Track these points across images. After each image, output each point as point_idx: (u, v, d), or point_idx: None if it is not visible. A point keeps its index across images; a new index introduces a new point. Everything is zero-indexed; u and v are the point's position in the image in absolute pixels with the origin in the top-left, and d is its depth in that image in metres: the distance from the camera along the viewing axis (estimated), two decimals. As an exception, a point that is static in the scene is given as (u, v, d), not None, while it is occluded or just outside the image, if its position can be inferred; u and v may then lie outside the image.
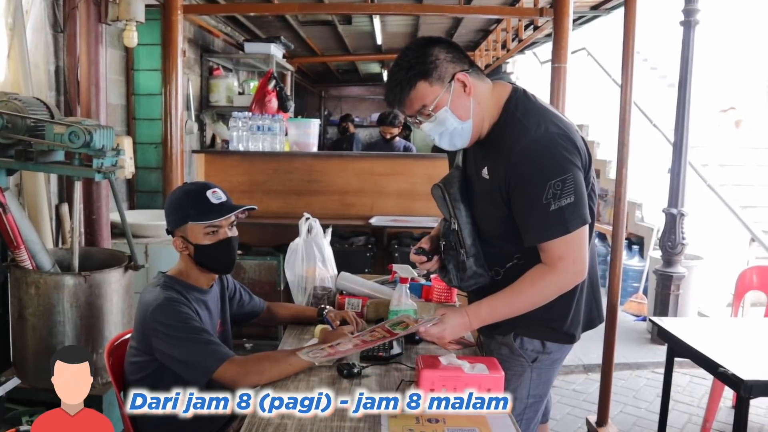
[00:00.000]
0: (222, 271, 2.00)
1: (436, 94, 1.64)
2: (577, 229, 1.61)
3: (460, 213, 1.78)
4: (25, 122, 2.39)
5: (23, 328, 2.49)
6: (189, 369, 1.73)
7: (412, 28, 6.96)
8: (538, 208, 1.59)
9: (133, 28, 3.20)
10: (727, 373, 2.03)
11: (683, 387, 3.95)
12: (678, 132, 4.41)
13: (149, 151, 4.39)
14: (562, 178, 1.57)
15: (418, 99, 1.65)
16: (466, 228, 1.77)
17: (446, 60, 1.64)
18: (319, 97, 13.43)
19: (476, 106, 1.68)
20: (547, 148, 1.61)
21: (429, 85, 1.63)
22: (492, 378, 1.57)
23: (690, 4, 4.27)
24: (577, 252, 1.63)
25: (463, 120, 1.67)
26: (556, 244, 1.62)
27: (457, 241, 1.78)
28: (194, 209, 1.87)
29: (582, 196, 1.61)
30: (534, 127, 1.63)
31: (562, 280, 1.65)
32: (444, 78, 1.64)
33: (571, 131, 1.66)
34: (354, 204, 4.39)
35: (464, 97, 1.66)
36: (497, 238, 1.76)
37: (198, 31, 5.27)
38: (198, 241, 1.88)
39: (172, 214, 1.92)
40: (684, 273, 4.55)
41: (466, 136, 1.71)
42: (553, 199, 1.57)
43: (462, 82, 1.65)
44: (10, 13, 2.82)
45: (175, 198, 1.93)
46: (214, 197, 1.89)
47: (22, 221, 2.45)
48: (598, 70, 7.64)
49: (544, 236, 1.62)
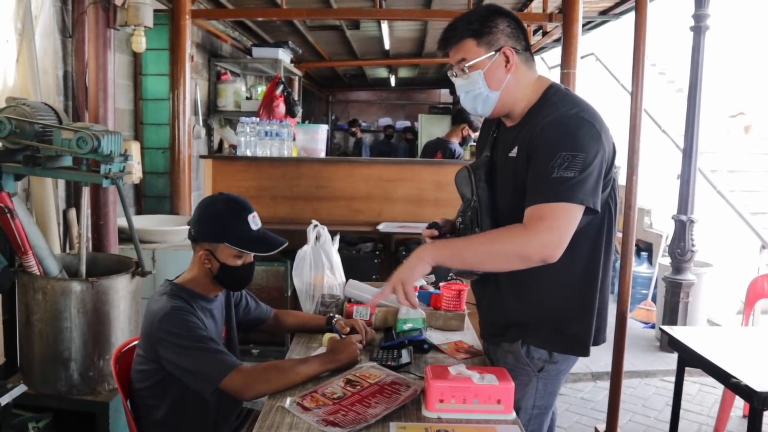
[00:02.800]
0: (237, 289, 2.01)
1: (478, 55, 1.69)
2: (568, 202, 1.55)
3: (483, 192, 1.78)
4: (33, 127, 2.39)
5: (30, 334, 2.48)
6: (196, 378, 1.72)
7: (420, 33, 6.95)
8: (541, 173, 1.58)
9: (141, 33, 3.20)
10: (740, 384, 1.99)
11: (693, 396, 3.91)
12: (688, 138, 4.38)
13: (157, 156, 4.40)
14: (573, 154, 1.56)
15: (461, 52, 1.71)
16: (485, 207, 1.77)
17: (503, 32, 1.70)
18: (326, 102, 13.45)
19: (511, 84, 1.71)
20: (570, 126, 1.62)
21: (476, 44, 1.69)
22: (502, 388, 1.55)
23: (700, 9, 4.25)
24: (559, 223, 1.55)
25: (491, 89, 1.71)
26: (542, 206, 1.57)
27: (476, 219, 1.76)
28: (235, 232, 1.85)
29: (588, 177, 1.56)
30: (565, 108, 1.66)
31: (531, 241, 1.56)
32: (492, 45, 1.69)
33: (601, 125, 1.66)
34: (362, 210, 4.38)
35: (502, 70, 1.70)
36: (513, 221, 1.69)
37: (206, 35, 5.28)
38: (226, 261, 1.86)
39: (208, 226, 1.87)
40: (693, 280, 4.51)
41: (489, 105, 1.74)
42: (557, 168, 1.56)
43: (506, 57, 1.69)
44: (19, 19, 2.83)
45: (214, 212, 1.88)
46: (254, 223, 1.89)
47: (29, 227, 2.45)
48: (607, 75, 7.61)
49: (534, 199, 1.58)
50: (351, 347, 1.85)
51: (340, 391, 1.66)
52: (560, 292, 1.70)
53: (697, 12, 4.25)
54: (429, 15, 5.19)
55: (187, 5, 4.02)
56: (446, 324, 2.31)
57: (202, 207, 1.92)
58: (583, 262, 1.71)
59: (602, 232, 1.73)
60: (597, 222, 1.70)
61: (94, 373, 2.48)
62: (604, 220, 1.72)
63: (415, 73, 10.99)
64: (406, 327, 2.10)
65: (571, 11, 3.77)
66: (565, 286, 1.70)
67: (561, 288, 1.69)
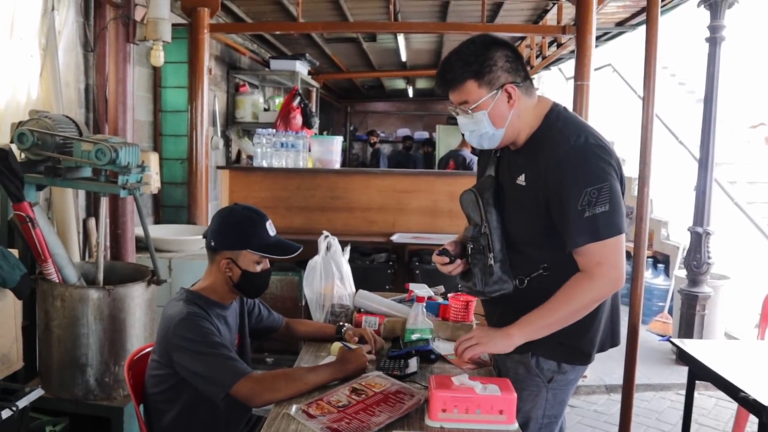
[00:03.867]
0: (256, 296, 2.06)
1: (481, 96, 1.69)
2: (609, 237, 1.63)
3: (492, 217, 1.81)
4: (54, 139, 2.47)
5: (49, 340, 2.54)
6: (207, 383, 1.76)
7: (436, 45, 7.00)
8: (574, 215, 1.63)
9: (159, 47, 3.28)
10: (749, 399, 1.98)
11: (708, 410, 3.87)
12: (704, 148, 4.35)
13: (175, 166, 4.48)
14: (598, 187, 1.61)
15: (464, 94, 1.71)
16: (496, 232, 1.80)
17: (503, 68, 1.70)
18: (345, 113, 13.54)
19: (515, 119, 1.73)
20: (585, 157, 1.65)
21: (477, 86, 1.69)
22: (504, 399, 1.57)
23: (715, 20, 4.23)
24: (614, 258, 1.65)
25: (496, 127, 1.73)
26: (592, 249, 1.64)
27: (487, 244, 1.79)
28: (256, 238, 1.92)
29: (618, 205, 1.64)
30: (574, 137, 1.68)
31: (601, 285, 1.67)
32: (494, 84, 1.69)
33: (609, 146, 1.71)
34: (376, 221, 4.42)
35: (506, 107, 1.72)
36: (525, 245, 1.78)
37: (225, 48, 5.37)
38: (247, 267, 1.92)
39: (229, 235, 1.93)
40: (710, 293, 4.46)
41: (494, 142, 1.78)
42: (588, 206, 1.61)
43: (509, 94, 1.71)
44: (43, 34, 2.92)
45: (235, 221, 1.94)
46: (271, 229, 1.97)
47: (49, 235, 2.52)
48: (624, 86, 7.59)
49: (576, 242, 1.65)
50: (360, 357, 1.88)
51: (345, 399, 1.68)
52: None
53: (713, 23, 4.24)
54: (443, 28, 5.23)
55: (206, 20, 4.11)
56: (454, 335, 2.32)
57: (221, 217, 1.97)
58: None
59: None
60: None
61: (110, 378, 2.53)
62: None
63: (432, 84, 11.04)
64: (414, 337, 2.12)
65: (584, 23, 3.78)
66: None
67: None
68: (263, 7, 5.16)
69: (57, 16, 2.97)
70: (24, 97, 2.84)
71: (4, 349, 2.40)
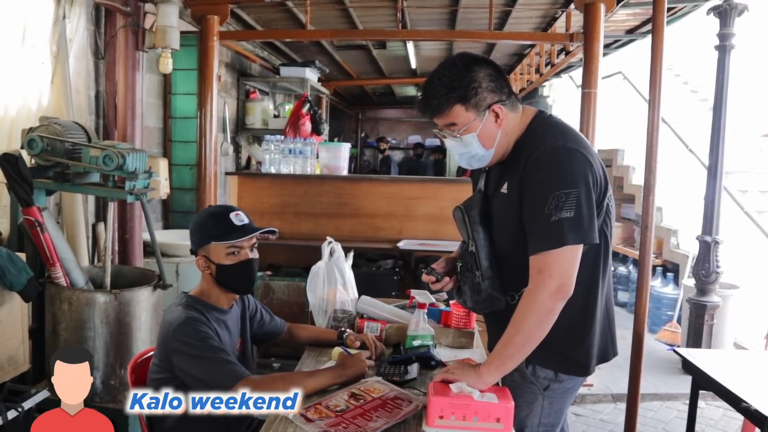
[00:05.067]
0: (241, 291, 2.05)
1: (469, 119, 1.68)
2: (569, 244, 1.57)
3: (479, 235, 1.79)
4: (63, 145, 2.51)
5: (56, 342, 2.58)
6: (206, 387, 1.77)
7: (446, 51, 7.01)
8: (538, 217, 1.60)
9: (168, 55, 3.33)
10: (750, 409, 1.97)
11: (716, 421, 3.83)
12: (713, 157, 4.34)
13: (184, 172, 4.52)
14: (567, 192, 1.57)
15: (450, 117, 1.69)
16: (483, 250, 1.78)
17: (487, 89, 1.67)
18: (356, 120, 13.58)
19: (503, 137, 1.72)
20: (558, 160, 1.62)
21: (464, 109, 1.67)
22: (501, 407, 1.56)
23: (725, 28, 4.23)
24: (559, 267, 1.58)
25: (486, 148, 1.72)
26: (539, 256, 1.59)
27: (474, 263, 1.78)
28: (218, 230, 1.94)
29: (581, 214, 1.58)
30: (552, 140, 1.66)
31: (541, 299, 1.58)
32: (480, 106, 1.67)
33: (590, 153, 1.67)
34: (383, 227, 4.43)
35: (494, 127, 1.70)
36: (512, 259, 1.74)
37: (235, 55, 5.42)
38: (220, 261, 1.94)
39: (196, 234, 1.99)
40: (719, 302, 4.43)
41: (484, 162, 1.77)
42: (555, 210, 1.57)
43: (496, 114, 1.69)
44: (54, 42, 2.98)
45: (199, 219, 2.01)
46: (237, 219, 1.96)
47: (58, 240, 2.56)
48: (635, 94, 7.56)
49: (539, 246, 1.60)
50: (359, 362, 1.90)
51: (344, 404, 1.69)
52: (561, 321, 1.65)
53: (722, 31, 4.23)
54: (452, 35, 5.25)
55: (216, 27, 4.14)
56: (456, 341, 2.33)
57: (192, 222, 2.03)
58: (582, 291, 1.69)
59: (599, 260, 1.74)
60: (593, 252, 1.71)
61: (116, 381, 2.56)
62: (600, 248, 1.72)
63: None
64: (415, 343, 2.12)
65: (592, 31, 3.78)
66: (565, 316, 1.65)
67: (562, 318, 1.64)
68: (273, 14, 5.20)
69: (68, 24, 3.02)
70: (35, 104, 2.89)
71: (11, 350, 2.44)
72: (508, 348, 1.63)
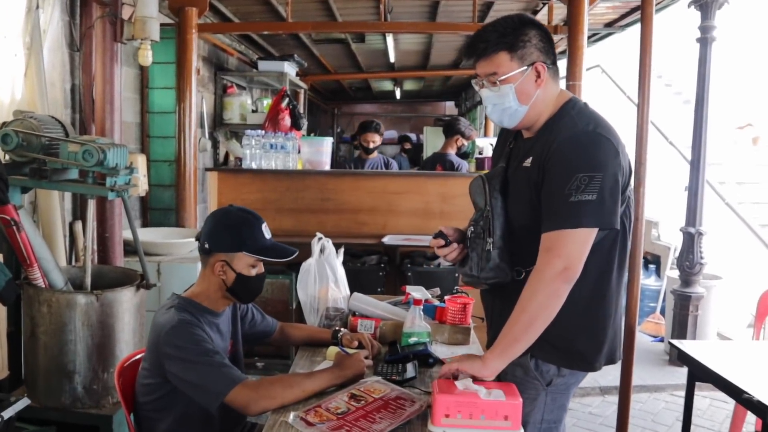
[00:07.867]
0: (249, 300, 2.01)
1: (511, 69, 1.68)
2: (586, 227, 1.58)
3: (496, 203, 1.77)
4: (40, 140, 2.40)
5: (35, 347, 2.47)
6: (201, 392, 1.71)
7: (425, 46, 6.97)
8: (559, 196, 1.59)
9: (147, 47, 3.21)
10: (753, 400, 1.97)
11: (704, 410, 3.86)
12: (695, 150, 4.36)
13: (163, 168, 4.40)
14: (591, 175, 1.57)
15: (494, 65, 1.69)
16: (498, 218, 1.76)
17: (536, 46, 1.69)
18: (332, 115, 13.50)
19: (539, 99, 1.72)
20: (587, 144, 1.62)
21: (509, 58, 1.67)
22: (509, 405, 1.52)
23: (706, 21, 4.24)
24: (569, 248, 1.58)
25: (521, 104, 1.71)
26: (551, 234, 1.59)
27: (487, 228, 1.75)
28: (252, 240, 1.86)
29: (604, 199, 1.57)
30: (583, 124, 1.66)
31: (545, 277, 1.58)
32: (525, 59, 1.68)
33: (618, 142, 1.66)
34: (367, 222, 4.38)
35: (533, 85, 1.70)
36: (525, 236, 1.71)
37: (212, 49, 5.30)
38: (241, 270, 1.87)
39: (224, 236, 1.87)
40: (703, 293, 4.46)
41: (515, 119, 1.74)
42: (576, 191, 1.56)
43: (538, 72, 1.69)
44: (27, 33, 2.85)
45: (230, 223, 1.89)
46: (267, 232, 1.92)
47: (35, 239, 2.44)
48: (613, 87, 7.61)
49: (553, 224, 1.60)
50: (358, 362, 1.84)
51: (345, 406, 1.64)
52: (568, 307, 1.63)
53: (703, 23, 4.25)
54: (433, 28, 5.20)
55: (194, 19, 4.04)
56: (452, 338, 2.29)
57: (216, 219, 1.92)
58: (594, 279, 1.68)
59: (615, 249, 1.71)
60: (610, 239, 1.68)
61: (98, 386, 2.46)
62: (617, 237, 1.70)
63: (420, 85, 11.01)
64: (411, 341, 2.08)
65: (575, 23, 3.77)
66: (573, 303, 1.63)
67: (569, 304, 1.63)
68: (252, 7, 5.10)
69: (42, 14, 2.89)
70: (8, 97, 2.76)
71: (-13, 357, 2.33)
72: (513, 330, 1.62)
